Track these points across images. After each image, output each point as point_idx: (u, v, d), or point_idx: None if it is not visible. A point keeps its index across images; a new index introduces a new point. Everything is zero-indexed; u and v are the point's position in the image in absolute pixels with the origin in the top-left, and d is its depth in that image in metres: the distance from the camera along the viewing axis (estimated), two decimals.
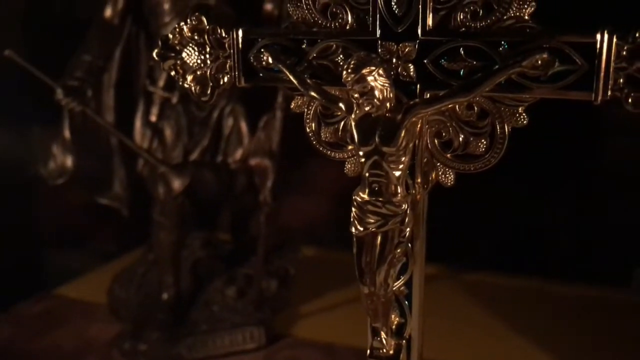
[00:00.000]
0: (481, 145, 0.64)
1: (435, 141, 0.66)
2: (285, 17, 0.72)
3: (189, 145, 1.44)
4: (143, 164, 1.47)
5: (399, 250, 0.65)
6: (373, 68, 0.61)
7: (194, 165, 1.44)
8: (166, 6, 1.37)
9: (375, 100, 0.62)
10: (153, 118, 1.45)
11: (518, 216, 1.73)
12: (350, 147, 0.70)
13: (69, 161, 1.42)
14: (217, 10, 1.38)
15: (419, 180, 0.67)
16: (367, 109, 0.62)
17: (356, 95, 0.62)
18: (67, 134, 1.40)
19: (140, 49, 1.49)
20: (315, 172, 1.73)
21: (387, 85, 0.61)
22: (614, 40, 0.56)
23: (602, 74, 0.56)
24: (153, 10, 1.39)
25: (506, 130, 0.62)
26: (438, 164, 0.66)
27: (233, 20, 1.39)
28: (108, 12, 1.41)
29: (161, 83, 1.43)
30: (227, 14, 1.40)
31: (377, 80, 0.61)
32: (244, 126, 1.46)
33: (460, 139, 0.64)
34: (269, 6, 1.37)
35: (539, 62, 0.58)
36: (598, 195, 1.68)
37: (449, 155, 0.66)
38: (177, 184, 1.40)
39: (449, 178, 0.66)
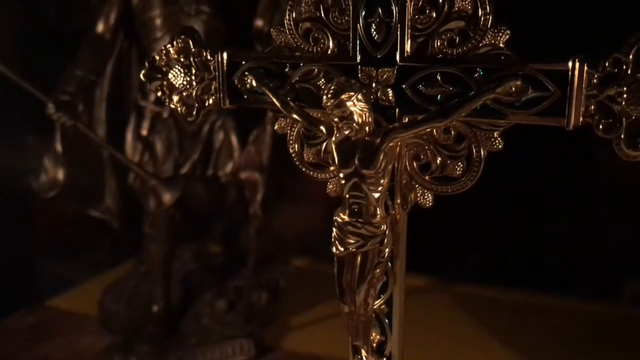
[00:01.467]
0: (458, 168, 0.65)
1: (414, 163, 0.68)
2: None
3: (179, 159, 1.45)
4: (134, 177, 1.48)
5: (378, 270, 0.67)
6: (352, 93, 0.62)
7: (185, 179, 1.46)
8: (158, 22, 1.39)
9: (354, 124, 0.63)
10: (144, 132, 1.46)
11: (508, 228, 1.74)
12: (332, 168, 0.72)
13: (60, 174, 1.43)
14: (208, 26, 1.39)
15: (398, 201, 0.69)
16: (346, 132, 0.64)
17: (336, 119, 0.64)
18: (58, 147, 1.41)
19: (131, 63, 1.50)
20: (308, 183, 1.74)
21: (365, 110, 0.63)
22: (585, 68, 0.57)
23: (573, 101, 0.58)
24: (145, 25, 1.41)
25: (482, 154, 0.64)
26: (417, 185, 0.68)
27: (224, 35, 1.41)
28: (100, 27, 1.42)
29: (152, 97, 1.45)
30: (219, 29, 1.41)
31: (356, 105, 0.62)
32: (234, 140, 1.47)
33: (438, 161, 0.66)
34: (259, 22, 1.39)
35: (513, 89, 0.60)
36: (589, 208, 1.70)
37: (427, 177, 0.67)
38: (167, 197, 1.41)
39: (428, 199, 0.68)
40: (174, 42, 0.76)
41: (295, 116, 0.70)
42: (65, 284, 1.80)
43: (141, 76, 0.78)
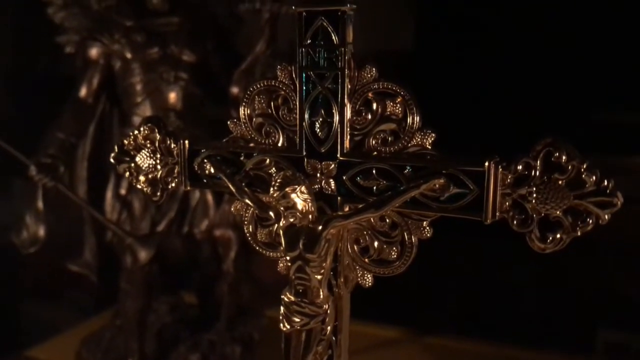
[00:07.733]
0: (393, 253, 0.72)
1: (355, 247, 0.74)
2: None
3: (156, 217, 1.52)
4: (112, 234, 1.54)
5: (320, 347, 0.73)
6: (296, 186, 0.69)
7: (161, 236, 1.51)
8: (138, 87, 1.46)
9: (298, 213, 0.70)
10: (123, 191, 1.53)
11: (479, 280, 1.79)
12: (282, 248, 0.78)
13: (41, 231, 1.48)
14: (186, 91, 1.47)
15: (342, 280, 0.75)
16: (291, 220, 0.71)
17: (282, 209, 0.70)
18: (39, 204, 1.47)
19: (113, 124, 1.58)
20: None
21: (309, 200, 0.70)
22: (500, 170, 0.65)
23: (490, 198, 0.65)
24: (126, 90, 1.48)
25: (413, 241, 0.70)
26: (357, 267, 0.74)
27: (201, 101, 1.49)
28: (83, 91, 1.49)
29: None
30: (196, 94, 1.49)
31: (299, 197, 0.69)
32: (210, 198, 1.54)
33: (375, 245, 0.73)
34: (234, 89, 1.46)
35: (437, 185, 0.66)
36: (559, 258, 1.75)
37: (366, 260, 0.74)
38: (143, 254, 1.47)
39: (367, 280, 0.74)
40: (141, 129, 0.83)
41: (247, 201, 0.76)
42: (44, 334, 1.84)
43: (111, 159, 0.84)
